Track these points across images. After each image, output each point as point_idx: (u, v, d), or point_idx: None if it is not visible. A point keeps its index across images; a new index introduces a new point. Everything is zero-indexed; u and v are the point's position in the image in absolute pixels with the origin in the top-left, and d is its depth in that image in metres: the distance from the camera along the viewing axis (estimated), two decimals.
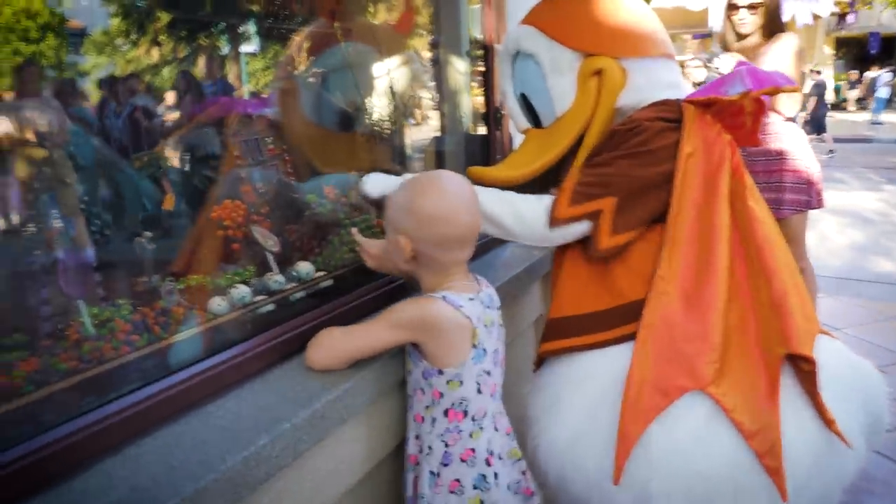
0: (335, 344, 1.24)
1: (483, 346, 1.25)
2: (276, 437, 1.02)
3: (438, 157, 2.37)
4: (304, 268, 1.54)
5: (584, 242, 1.45)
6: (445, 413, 1.24)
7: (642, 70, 1.48)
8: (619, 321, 1.38)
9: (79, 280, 1.30)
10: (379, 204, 1.47)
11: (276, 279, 1.48)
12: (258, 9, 2.28)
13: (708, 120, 1.42)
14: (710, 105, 1.43)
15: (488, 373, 1.27)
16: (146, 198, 1.92)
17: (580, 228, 1.41)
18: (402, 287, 1.58)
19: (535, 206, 1.44)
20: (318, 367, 1.24)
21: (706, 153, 1.39)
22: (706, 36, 17.53)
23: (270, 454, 1.01)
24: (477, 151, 2.27)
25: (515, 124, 1.69)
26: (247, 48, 2.63)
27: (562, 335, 1.46)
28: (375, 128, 2.20)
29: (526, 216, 1.44)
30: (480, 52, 2.25)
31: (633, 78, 1.47)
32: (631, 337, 1.35)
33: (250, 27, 2.48)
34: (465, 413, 1.24)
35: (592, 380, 1.38)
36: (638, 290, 1.37)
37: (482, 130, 2.34)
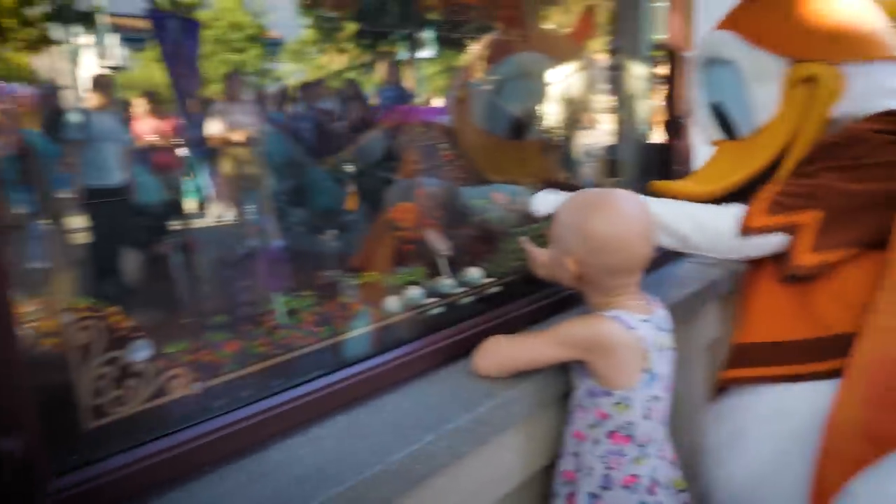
0: (501, 352, 1.25)
1: (655, 370, 1.19)
2: (440, 436, 1.05)
3: (612, 165, 2.31)
4: (474, 273, 1.57)
5: (778, 261, 1.32)
6: (610, 435, 1.20)
7: (862, 76, 1.31)
8: (821, 354, 1.25)
9: (273, 270, 1.43)
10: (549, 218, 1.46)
11: (446, 282, 1.52)
12: (436, 16, 2.36)
13: None
14: None
15: (657, 398, 1.21)
16: (332, 197, 2.08)
17: (774, 241, 1.29)
18: (571, 297, 1.55)
19: (721, 214, 1.34)
20: (483, 373, 1.25)
21: None
22: None
23: (434, 452, 1.04)
24: (654, 161, 2.17)
25: (704, 135, 1.58)
26: (423, 54, 2.74)
27: (751, 363, 1.34)
28: (546, 135, 2.19)
29: (708, 225, 1.35)
30: (663, 56, 2.15)
31: (852, 85, 1.30)
32: (834, 374, 1.21)
33: (428, 34, 2.58)
34: (631, 437, 1.19)
35: (784, 416, 1.26)
36: (845, 323, 1.23)
37: (658, 139, 2.23)
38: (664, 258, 2.09)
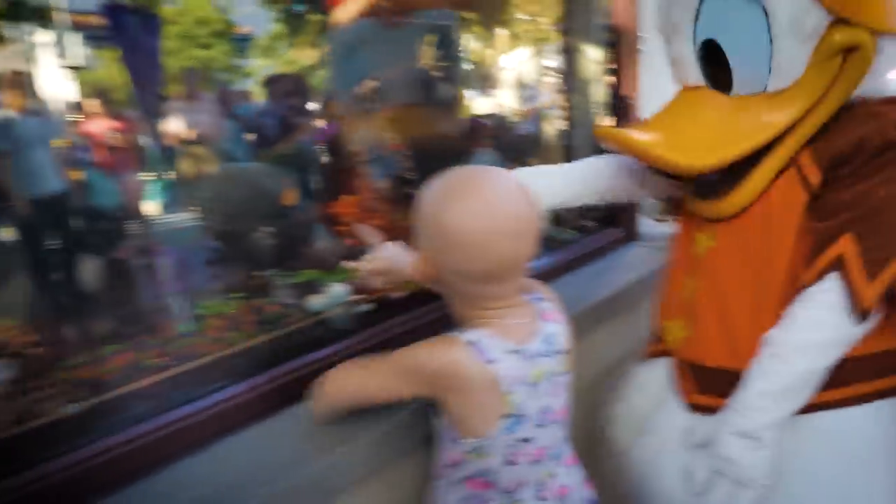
0: (333, 385, 1.02)
1: (520, 412, 0.94)
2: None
3: (566, 150, 2.25)
4: None
5: None
6: (465, 480, 0.99)
7: (892, 52, 1.09)
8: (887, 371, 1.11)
9: (185, 274, 1.35)
10: None
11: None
12: None
13: None
14: None
15: (527, 440, 0.97)
16: (270, 193, 2.00)
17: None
18: None
19: (822, 320, 1.07)
20: (316, 413, 1.05)
21: None
22: None
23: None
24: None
25: (677, 75, 1.26)
26: None
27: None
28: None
29: (824, 340, 1.07)
30: (610, 38, 2.08)
31: (880, 60, 1.08)
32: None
33: None
34: (493, 484, 0.98)
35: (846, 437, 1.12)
36: None
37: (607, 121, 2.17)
38: (613, 244, 2.04)
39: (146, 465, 0.91)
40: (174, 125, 3.65)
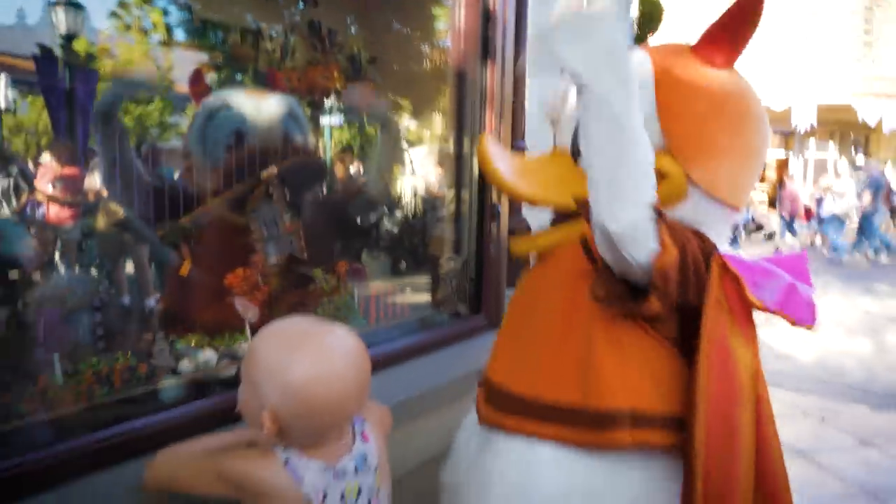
0: (165, 463, 1.09)
1: None
2: None
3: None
4: None
5: None
6: None
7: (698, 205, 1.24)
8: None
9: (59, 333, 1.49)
10: None
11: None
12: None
13: None
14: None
15: None
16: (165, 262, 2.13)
17: None
18: None
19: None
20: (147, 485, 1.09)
21: None
22: (788, 133, 17.23)
23: None
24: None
25: (561, 139, 1.37)
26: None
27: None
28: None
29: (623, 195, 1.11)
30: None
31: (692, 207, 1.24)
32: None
33: None
34: None
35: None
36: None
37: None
38: (476, 329, 2.22)
39: None
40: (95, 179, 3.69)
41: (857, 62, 16.33)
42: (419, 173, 2.98)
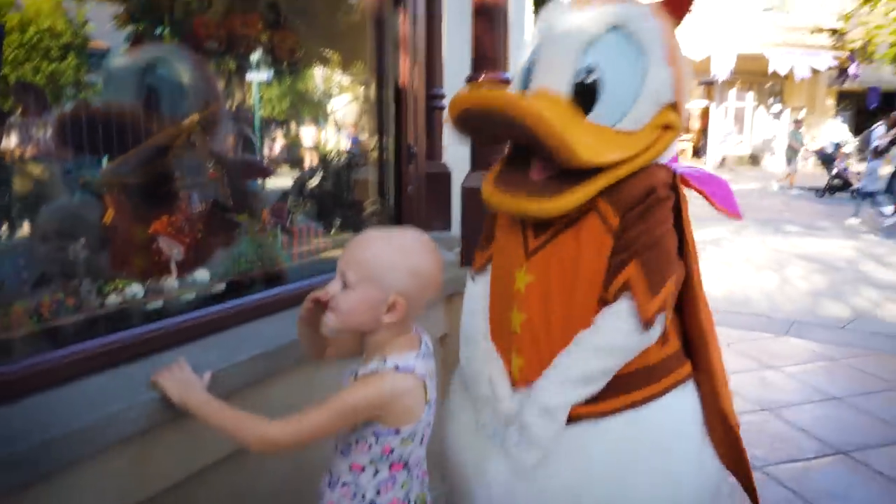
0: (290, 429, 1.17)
1: (431, 397, 1.24)
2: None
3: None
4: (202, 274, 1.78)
5: None
6: (392, 465, 1.23)
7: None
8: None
9: None
10: None
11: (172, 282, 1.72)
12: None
13: None
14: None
15: (430, 424, 1.26)
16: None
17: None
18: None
19: (615, 327, 1.34)
20: (280, 446, 1.20)
21: None
22: (710, 83, 17.87)
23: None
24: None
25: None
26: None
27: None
28: None
29: (613, 344, 1.35)
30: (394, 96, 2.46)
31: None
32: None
33: None
34: (406, 464, 1.24)
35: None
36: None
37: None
38: None
39: None
40: (11, 140, 3.59)
41: (771, 12, 16.98)
42: (342, 121, 3.05)
